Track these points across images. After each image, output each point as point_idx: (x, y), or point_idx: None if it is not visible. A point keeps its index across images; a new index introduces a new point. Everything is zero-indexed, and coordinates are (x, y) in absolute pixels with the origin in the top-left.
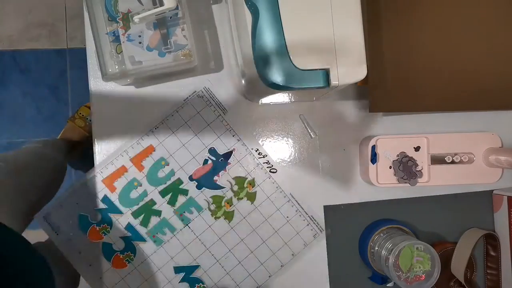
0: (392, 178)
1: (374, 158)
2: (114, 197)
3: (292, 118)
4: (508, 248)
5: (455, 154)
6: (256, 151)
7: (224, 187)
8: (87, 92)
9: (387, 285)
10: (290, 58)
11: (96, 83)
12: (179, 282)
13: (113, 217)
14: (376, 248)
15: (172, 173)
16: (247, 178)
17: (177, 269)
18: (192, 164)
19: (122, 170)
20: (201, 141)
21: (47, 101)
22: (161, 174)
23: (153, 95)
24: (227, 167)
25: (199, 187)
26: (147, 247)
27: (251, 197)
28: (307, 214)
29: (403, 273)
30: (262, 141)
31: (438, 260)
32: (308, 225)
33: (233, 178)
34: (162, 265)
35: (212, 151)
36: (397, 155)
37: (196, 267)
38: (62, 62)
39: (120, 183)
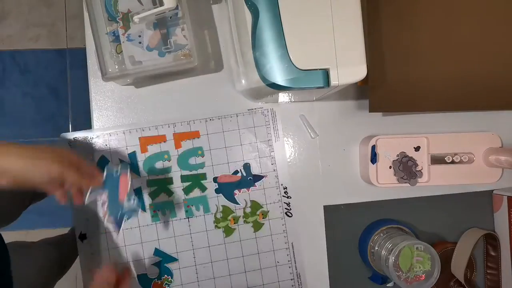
0: (392, 178)
1: (374, 158)
2: (141, 158)
3: (292, 118)
4: (508, 248)
5: (455, 154)
6: (284, 188)
7: (239, 204)
8: (87, 92)
9: (387, 285)
10: (290, 58)
11: (96, 83)
12: (152, 264)
13: (131, 174)
14: (376, 248)
15: (202, 165)
16: (263, 207)
17: (157, 252)
18: (223, 168)
19: (161, 138)
20: (242, 153)
21: (47, 101)
22: (192, 161)
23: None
24: (251, 188)
25: (217, 191)
26: (143, 218)
27: (257, 226)
28: (296, 270)
29: (403, 273)
30: None
31: (438, 260)
32: (292, 279)
33: (250, 200)
34: (146, 240)
35: (246, 166)
36: (397, 155)
37: (175, 259)
38: (62, 62)
39: (153, 149)
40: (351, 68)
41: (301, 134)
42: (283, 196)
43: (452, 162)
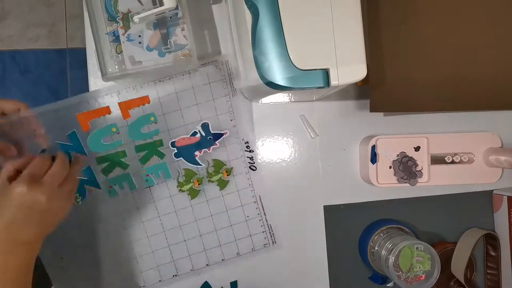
0: (392, 178)
1: (374, 158)
2: (84, 136)
3: (292, 118)
4: (508, 248)
5: (455, 154)
6: (245, 143)
7: (201, 165)
8: (87, 92)
9: (387, 285)
10: (290, 58)
11: (96, 83)
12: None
13: (74, 155)
14: (376, 248)
15: (156, 132)
16: (226, 164)
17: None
18: (180, 130)
19: (105, 111)
20: (199, 112)
21: (47, 101)
22: (145, 129)
23: None
24: (212, 147)
25: (177, 155)
26: (99, 194)
27: (222, 184)
28: (267, 222)
29: (403, 273)
30: (262, 141)
31: (438, 260)
32: (263, 232)
33: (213, 159)
34: (107, 216)
35: (205, 126)
36: (397, 155)
37: None
38: (62, 62)
39: (96, 124)
40: (351, 68)
41: (301, 134)
42: (245, 151)
43: (452, 162)
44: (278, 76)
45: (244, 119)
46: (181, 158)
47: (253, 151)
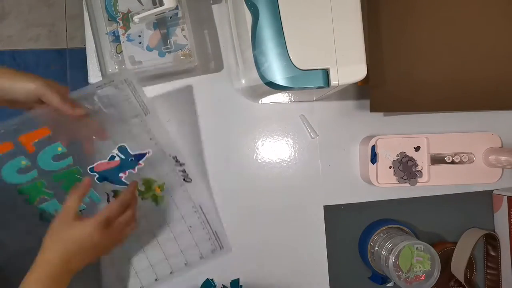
0: (392, 178)
1: (374, 158)
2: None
3: (292, 118)
4: (508, 248)
5: (455, 154)
6: (173, 158)
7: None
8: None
9: (387, 285)
10: (290, 58)
11: None
12: None
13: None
14: (376, 248)
15: (69, 160)
16: (156, 181)
17: None
18: (95, 157)
19: (7, 146)
20: (111, 137)
21: None
22: (56, 159)
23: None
24: (136, 167)
25: (100, 179)
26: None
27: (157, 199)
28: (211, 229)
29: (403, 273)
30: (262, 141)
31: (438, 260)
32: (209, 239)
33: (141, 178)
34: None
35: (122, 149)
36: (397, 155)
37: None
38: (62, 62)
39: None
40: (351, 68)
41: (301, 134)
42: (175, 165)
43: (452, 162)
44: (278, 76)
45: (164, 135)
46: (105, 181)
47: (184, 164)
